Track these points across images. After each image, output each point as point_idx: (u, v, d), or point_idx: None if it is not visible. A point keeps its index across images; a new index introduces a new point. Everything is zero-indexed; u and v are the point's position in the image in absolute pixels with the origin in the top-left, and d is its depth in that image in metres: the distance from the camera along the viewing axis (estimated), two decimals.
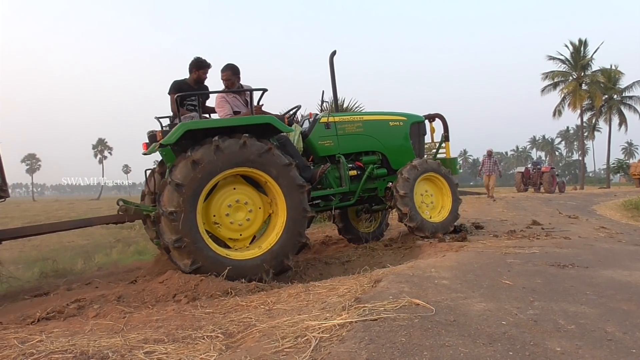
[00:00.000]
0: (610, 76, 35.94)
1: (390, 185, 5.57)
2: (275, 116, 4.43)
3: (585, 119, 38.10)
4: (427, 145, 6.43)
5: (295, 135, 5.14)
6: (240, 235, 4.22)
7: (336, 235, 6.73)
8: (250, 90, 4.61)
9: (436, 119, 6.29)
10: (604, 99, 36.17)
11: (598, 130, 42.76)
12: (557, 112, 37.27)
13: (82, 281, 4.76)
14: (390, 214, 6.45)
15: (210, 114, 5.10)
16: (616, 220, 9.29)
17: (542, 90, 37.07)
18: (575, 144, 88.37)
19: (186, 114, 4.62)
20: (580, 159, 46.02)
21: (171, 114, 4.89)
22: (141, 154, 4.82)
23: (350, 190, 5.33)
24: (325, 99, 5.94)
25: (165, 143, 4.02)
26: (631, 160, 57.52)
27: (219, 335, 2.32)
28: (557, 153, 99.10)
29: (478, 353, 1.76)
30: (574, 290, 2.75)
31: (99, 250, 7.39)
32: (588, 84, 35.25)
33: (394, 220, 6.47)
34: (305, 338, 2.00)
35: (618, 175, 40.56)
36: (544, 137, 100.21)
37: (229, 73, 4.77)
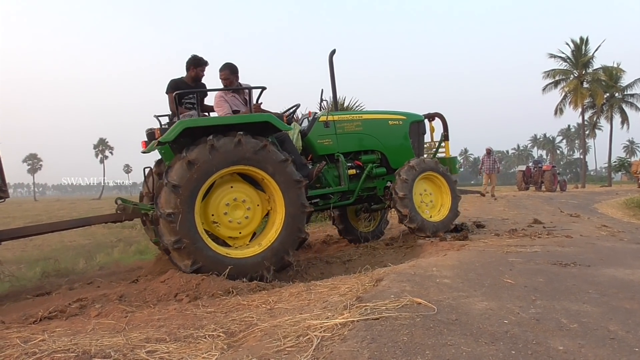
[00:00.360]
0: (612, 74, 35.85)
1: (389, 184, 5.56)
2: (274, 114, 4.42)
3: (586, 117, 38.02)
4: (427, 145, 6.42)
5: (294, 134, 5.13)
6: (240, 233, 4.22)
7: (337, 234, 6.73)
8: (249, 88, 4.59)
9: (436, 118, 6.28)
10: (605, 97, 36.07)
11: (599, 129, 42.76)
12: (559, 111, 37.23)
13: (84, 281, 4.76)
14: (389, 212, 6.45)
15: (209, 113, 5.09)
16: (618, 219, 9.28)
17: (544, 89, 37.03)
18: (576, 142, 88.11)
19: (185, 113, 4.62)
20: (581, 157, 45.98)
21: (170, 112, 4.89)
22: (140, 152, 4.83)
23: (349, 189, 5.32)
24: (324, 97, 5.92)
25: (163, 141, 4.02)
26: (633, 159, 57.47)
27: (221, 334, 2.31)
28: (558, 151, 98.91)
29: (480, 352, 1.76)
30: (576, 289, 2.75)
31: (101, 249, 7.40)
32: (589, 82, 35.17)
33: (394, 219, 6.46)
34: (307, 337, 1.99)
35: (620, 173, 40.44)
36: (545, 136, 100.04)
37: (227, 72, 4.76)
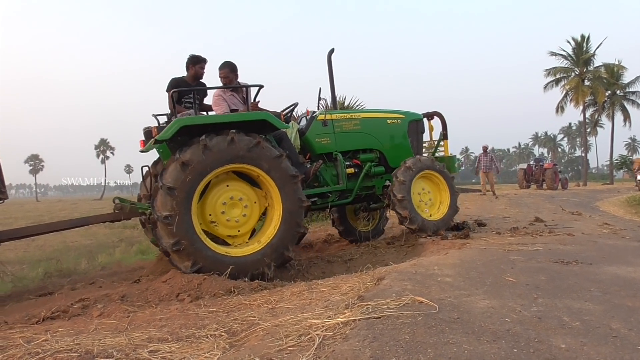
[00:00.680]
0: (613, 71, 35.71)
1: (388, 183, 5.55)
2: (271, 113, 4.41)
3: (587, 115, 37.92)
4: (427, 144, 6.40)
5: (292, 133, 5.12)
6: (239, 231, 4.21)
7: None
8: (247, 86, 4.59)
9: (435, 117, 6.26)
10: (607, 94, 35.97)
11: (601, 126, 42.59)
12: (560, 109, 37.10)
13: (86, 281, 4.78)
14: (388, 211, 6.43)
15: (208, 112, 5.10)
16: (620, 217, 9.27)
17: (545, 87, 36.94)
18: (577, 140, 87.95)
19: (183, 112, 4.62)
20: (583, 155, 45.89)
21: (169, 111, 4.89)
22: (138, 151, 4.83)
23: (348, 188, 5.31)
24: (322, 96, 5.90)
25: (160, 139, 4.01)
26: (635, 156, 57.31)
27: (223, 334, 2.32)
28: (560, 149, 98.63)
29: (482, 350, 1.76)
30: (578, 287, 2.74)
31: (102, 250, 7.41)
32: (591, 80, 35.07)
33: (394, 217, 6.45)
34: (308, 336, 2.00)
35: (621, 171, 40.26)
36: (546, 134, 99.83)
37: (226, 70, 4.76)
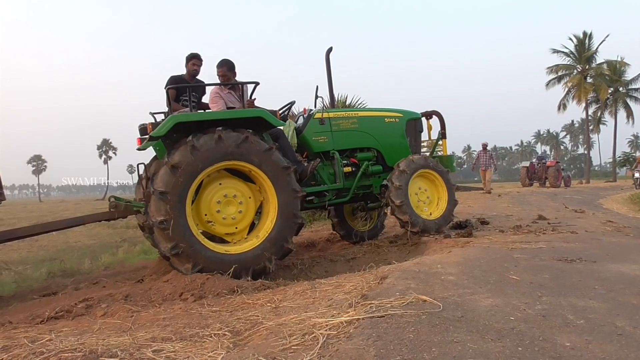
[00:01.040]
0: (616, 68, 35.56)
1: (385, 182, 5.54)
2: (268, 111, 4.39)
3: (590, 112, 37.79)
4: (426, 143, 6.38)
5: (289, 131, 5.12)
6: (236, 228, 4.19)
7: None
8: (242, 83, 4.58)
9: (433, 117, 6.22)
10: (609, 91, 35.82)
11: (603, 124, 42.43)
12: (562, 106, 37.00)
13: (90, 281, 4.80)
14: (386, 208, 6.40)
15: (206, 111, 5.10)
16: (623, 214, 9.24)
17: (547, 84, 36.82)
18: (580, 137, 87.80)
19: (180, 110, 4.63)
20: (585, 152, 45.77)
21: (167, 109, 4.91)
22: (135, 149, 4.83)
23: (345, 187, 5.29)
24: (320, 94, 5.85)
25: (155, 135, 4.00)
26: (638, 153, 57.03)
27: (226, 333, 2.32)
28: (562, 147, 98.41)
29: (487, 349, 1.76)
30: (582, 285, 2.73)
31: (106, 249, 7.43)
32: (593, 77, 34.95)
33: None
34: (312, 335, 1.99)
35: (624, 168, 40.12)
36: (548, 132, 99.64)
37: (224, 69, 4.77)
